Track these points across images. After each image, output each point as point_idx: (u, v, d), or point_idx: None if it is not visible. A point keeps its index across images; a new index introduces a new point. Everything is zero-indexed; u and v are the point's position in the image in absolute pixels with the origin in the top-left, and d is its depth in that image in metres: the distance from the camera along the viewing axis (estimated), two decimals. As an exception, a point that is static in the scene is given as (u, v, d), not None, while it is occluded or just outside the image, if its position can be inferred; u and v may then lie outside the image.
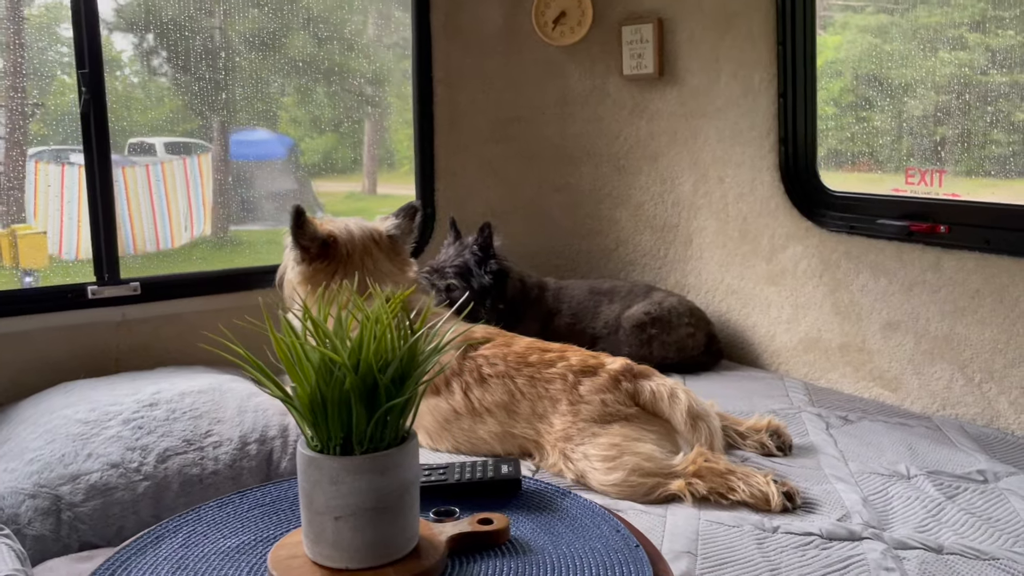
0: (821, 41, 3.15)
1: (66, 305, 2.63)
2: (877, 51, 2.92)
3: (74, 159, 5.93)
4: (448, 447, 2.18)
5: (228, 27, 5.63)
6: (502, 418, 2.13)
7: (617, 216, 3.48)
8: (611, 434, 2.01)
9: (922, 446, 2.27)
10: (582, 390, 2.08)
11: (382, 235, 2.41)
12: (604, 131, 3.44)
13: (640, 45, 3.20)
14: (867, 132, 2.94)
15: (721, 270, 3.21)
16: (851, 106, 3.01)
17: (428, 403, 2.19)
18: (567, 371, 2.12)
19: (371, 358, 1.05)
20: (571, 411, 2.06)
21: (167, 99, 6.25)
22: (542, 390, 2.11)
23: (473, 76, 3.40)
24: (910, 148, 2.84)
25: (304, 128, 6.49)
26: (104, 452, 2.11)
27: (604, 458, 1.97)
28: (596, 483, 1.96)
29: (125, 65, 6.36)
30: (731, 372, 3.00)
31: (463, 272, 2.87)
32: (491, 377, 2.15)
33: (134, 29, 6.04)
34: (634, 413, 2.07)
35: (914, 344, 2.62)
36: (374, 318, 1.05)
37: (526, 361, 2.16)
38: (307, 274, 2.30)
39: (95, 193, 2.61)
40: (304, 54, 5.50)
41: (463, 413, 2.15)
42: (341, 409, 1.07)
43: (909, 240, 2.60)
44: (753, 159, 3.03)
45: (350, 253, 2.32)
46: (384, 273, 2.35)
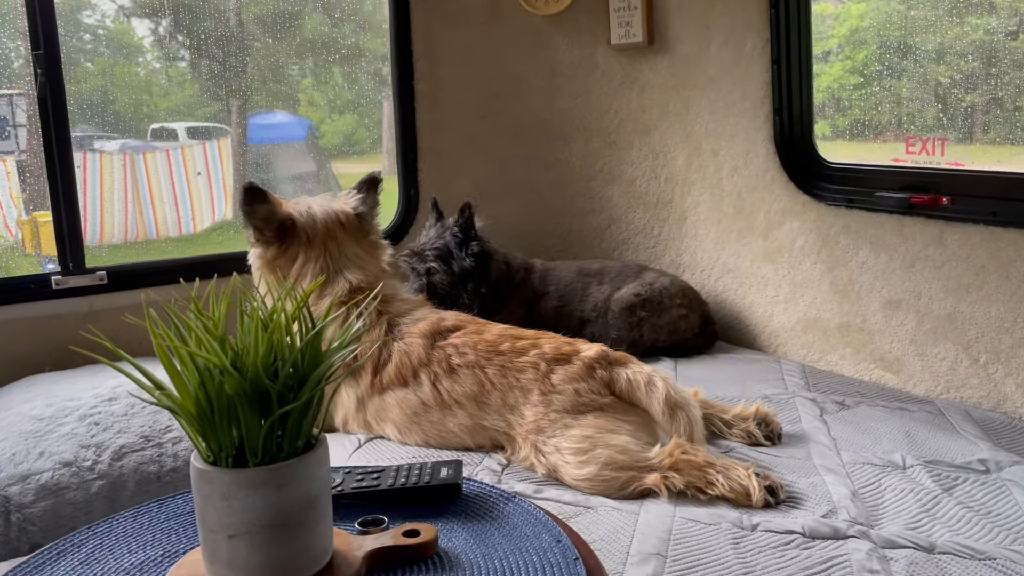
0: (844, 9, 2.98)
1: (30, 296, 2.54)
2: (902, 17, 2.76)
3: (97, 146, 5.90)
4: (417, 441, 2.07)
5: (243, 10, 5.54)
6: (472, 410, 2.01)
7: (609, 193, 3.34)
8: (584, 426, 1.89)
9: (921, 433, 2.13)
10: (554, 379, 1.96)
11: (348, 215, 2.26)
12: (593, 104, 3.29)
13: (628, 12, 3.05)
14: (893, 101, 2.78)
15: (716, 248, 3.06)
16: (876, 75, 2.85)
17: (396, 395, 2.07)
18: (539, 359, 2.00)
19: (258, 360, 0.94)
20: (543, 401, 1.95)
21: (187, 84, 6.20)
22: (513, 380, 1.99)
23: (455, 49, 3.26)
24: (936, 117, 2.68)
25: (323, 110, 6.41)
26: (57, 450, 2.03)
27: (576, 451, 1.85)
28: (568, 478, 1.84)
29: (147, 51, 6.30)
30: (726, 355, 2.87)
31: (444, 255, 2.75)
32: (460, 367, 2.03)
33: (151, 15, 5.97)
34: (609, 403, 1.95)
35: (916, 324, 2.47)
36: (257, 317, 0.93)
37: (497, 350, 2.04)
38: (265, 259, 2.18)
39: (55, 179, 2.52)
40: (320, 35, 5.40)
41: (432, 406, 2.03)
42: (229, 417, 0.96)
43: (910, 213, 2.44)
44: (747, 131, 2.87)
45: (311, 237, 2.18)
46: (350, 258, 2.22)
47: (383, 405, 2.09)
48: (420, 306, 2.25)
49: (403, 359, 2.07)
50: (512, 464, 1.98)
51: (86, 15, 6.14)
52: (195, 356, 0.91)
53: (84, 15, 6.12)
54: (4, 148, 5.20)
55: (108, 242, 5.71)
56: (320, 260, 2.17)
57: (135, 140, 6.10)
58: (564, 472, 1.85)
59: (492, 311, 2.77)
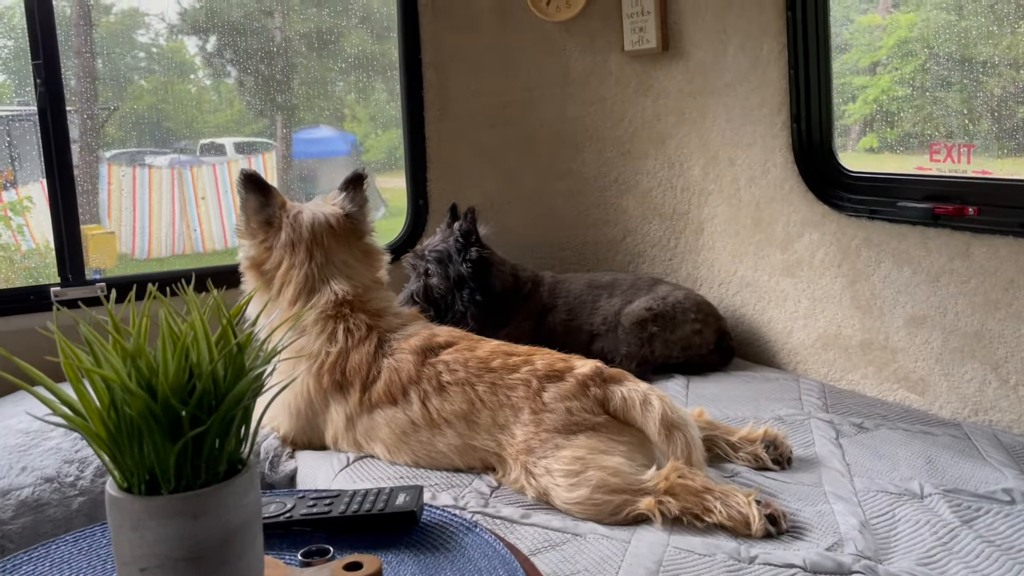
0: (893, 20, 2.87)
1: (29, 307, 2.52)
2: (953, 28, 2.64)
3: (148, 160, 6.00)
4: (407, 461, 1.98)
5: (288, 27, 5.59)
6: (462, 429, 1.92)
7: (624, 204, 3.24)
8: (576, 446, 1.79)
9: (943, 459, 1.99)
10: (546, 397, 1.86)
11: (338, 218, 2.15)
12: (607, 113, 3.20)
13: (641, 18, 2.95)
14: (943, 113, 2.66)
15: (734, 261, 2.94)
16: (926, 86, 2.73)
17: (385, 414, 1.99)
18: (531, 376, 1.90)
19: (166, 380, 0.86)
20: (533, 420, 1.85)
21: (236, 101, 6.28)
22: (503, 398, 1.90)
23: (464, 58, 3.19)
24: (989, 129, 2.55)
25: (367, 125, 6.44)
26: (40, 465, 1.99)
27: (567, 473, 1.75)
28: (559, 501, 1.74)
29: (198, 68, 6.40)
30: (742, 372, 2.74)
31: (442, 258, 2.68)
32: (451, 385, 1.94)
33: (199, 32, 6.07)
34: (603, 422, 1.84)
35: (942, 341, 2.33)
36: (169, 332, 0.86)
37: (488, 367, 1.95)
38: (250, 258, 2.12)
39: (55, 189, 2.49)
40: (363, 51, 5.43)
41: (421, 425, 1.94)
42: (140, 440, 0.89)
43: (935, 224, 2.30)
44: (764, 138, 2.76)
45: (295, 243, 2.09)
46: (338, 266, 2.12)
47: (372, 424, 2.00)
48: (413, 320, 2.16)
49: (393, 376, 1.99)
50: (502, 487, 1.89)
51: (140, 34, 6.26)
52: (94, 374, 0.84)
53: (139, 34, 6.23)
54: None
55: (157, 255, 5.79)
56: (305, 267, 2.08)
57: (184, 155, 6.19)
58: (555, 495, 1.75)
59: (498, 324, 2.69)
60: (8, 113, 5.26)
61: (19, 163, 5.22)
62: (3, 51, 5.56)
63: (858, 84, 3.43)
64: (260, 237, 2.11)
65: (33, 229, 5.11)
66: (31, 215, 5.07)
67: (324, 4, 5.39)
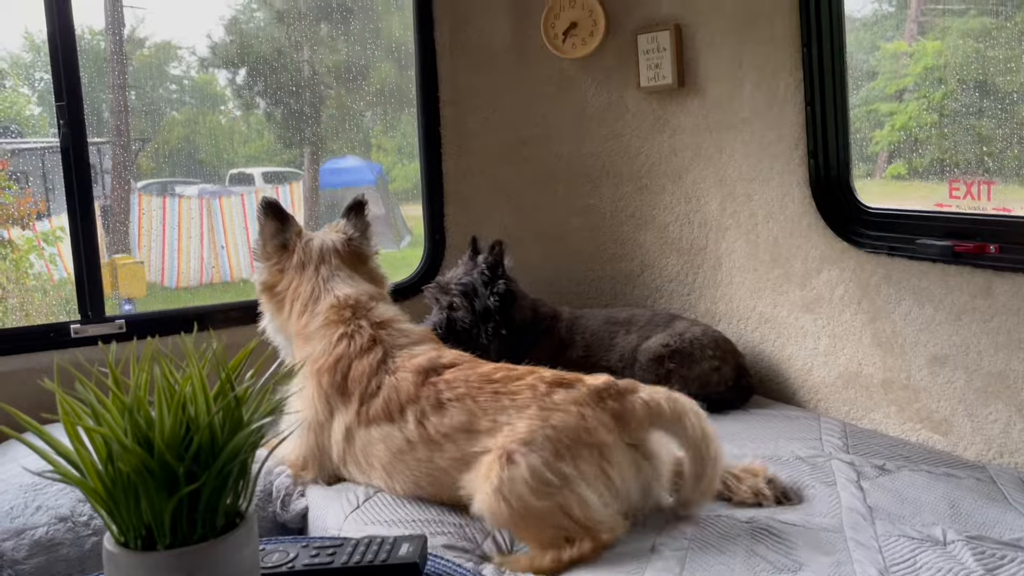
0: (920, 47, 2.86)
1: (49, 344, 2.55)
2: (980, 56, 2.62)
3: (178, 191, 6.11)
4: (405, 482, 1.93)
5: (316, 61, 5.71)
6: (462, 442, 1.84)
7: (641, 239, 3.23)
8: (573, 458, 1.72)
9: (967, 503, 1.94)
10: (556, 398, 1.80)
11: (343, 242, 2.24)
12: (624, 148, 3.20)
13: (657, 54, 2.96)
14: (972, 141, 2.62)
15: (753, 297, 2.91)
16: (954, 114, 2.71)
17: (382, 431, 1.95)
18: (538, 382, 1.85)
19: (164, 434, 0.86)
20: (540, 416, 1.76)
21: (265, 132, 6.40)
22: (507, 402, 1.83)
23: (482, 95, 3.21)
24: (1018, 156, 2.51)
25: (393, 155, 6.53)
26: (54, 504, 2.00)
27: (542, 480, 1.69)
28: (505, 489, 1.68)
29: (228, 100, 6.55)
30: (762, 410, 2.70)
31: (468, 291, 2.67)
32: (451, 401, 1.89)
33: (229, 65, 6.21)
34: (612, 443, 1.76)
35: (965, 381, 2.28)
36: (167, 387, 0.86)
37: (490, 379, 1.90)
38: (263, 282, 2.21)
39: (77, 228, 2.54)
40: (389, 83, 5.51)
41: (417, 442, 1.89)
42: (136, 495, 0.88)
43: (955, 262, 2.27)
44: (782, 174, 2.74)
45: (305, 263, 2.17)
46: (342, 278, 2.18)
47: (369, 440, 1.97)
48: (422, 340, 2.13)
49: (391, 394, 1.96)
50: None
51: (172, 66, 6.41)
52: (93, 430, 0.84)
53: (171, 66, 6.38)
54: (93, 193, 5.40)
55: (185, 284, 5.87)
56: (312, 282, 2.15)
57: (213, 185, 6.29)
58: (509, 485, 1.68)
59: (516, 359, 2.68)
60: (42, 145, 5.38)
61: (52, 194, 5.33)
62: (39, 84, 5.71)
63: (885, 111, 3.41)
64: (274, 260, 2.21)
65: (65, 259, 5.20)
66: (64, 245, 5.16)
67: (351, 38, 5.49)
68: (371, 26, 5.46)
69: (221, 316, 2.77)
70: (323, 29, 5.74)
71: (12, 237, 4.89)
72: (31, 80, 5.81)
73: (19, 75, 5.65)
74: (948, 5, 3.09)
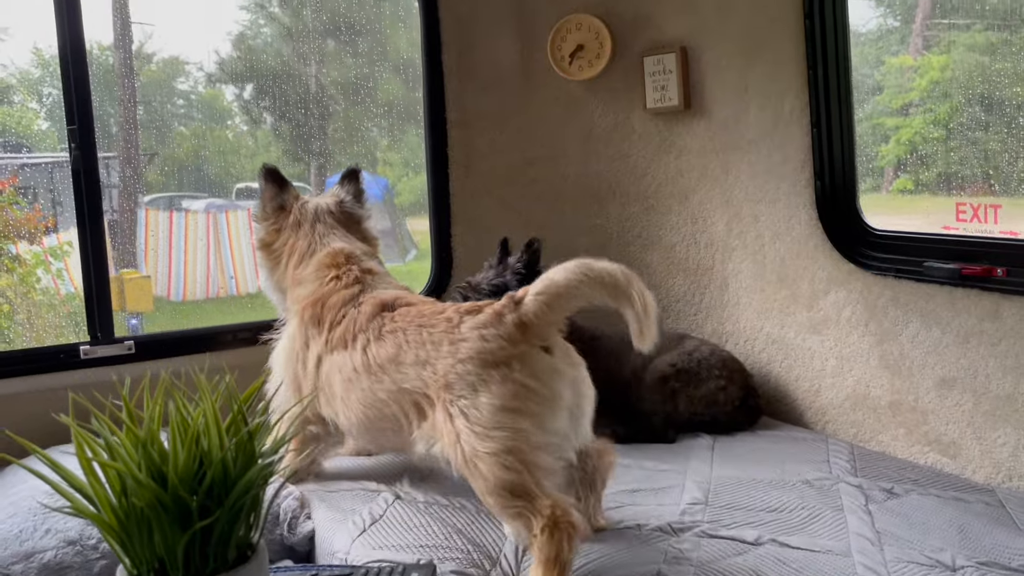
0: (925, 61, 2.86)
1: (59, 366, 2.56)
2: (987, 69, 2.63)
3: (185, 205, 6.12)
4: (357, 412, 1.99)
5: (323, 75, 5.75)
6: (393, 373, 1.91)
7: (648, 259, 3.24)
8: (492, 394, 1.73)
9: (976, 527, 1.93)
10: (463, 328, 1.83)
11: (336, 204, 2.33)
12: (630, 168, 3.21)
13: (663, 76, 2.98)
14: (979, 155, 2.63)
15: (760, 317, 2.91)
16: (961, 128, 2.71)
17: (340, 358, 2.03)
18: (455, 313, 1.89)
19: (175, 470, 0.87)
20: (451, 352, 1.81)
21: (273, 146, 6.43)
22: (426, 335, 1.88)
23: (489, 116, 3.23)
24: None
25: (399, 169, 6.56)
26: (63, 528, 2.01)
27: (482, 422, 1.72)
28: (467, 447, 1.71)
29: (235, 115, 6.58)
30: (770, 431, 2.70)
31: (499, 291, 2.65)
32: (388, 334, 1.96)
33: (236, 81, 6.25)
34: (519, 355, 1.76)
35: (973, 404, 2.28)
36: (180, 422, 0.87)
37: (423, 314, 1.95)
38: (261, 239, 2.31)
39: (87, 250, 2.55)
40: (396, 98, 5.54)
41: (361, 372, 1.97)
42: (149, 529, 0.89)
43: (962, 285, 2.27)
44: (788, 195, 2.75)
45: (300, 222, 2.27)
46: (337, 235, 2.27)
47: (331, 366, 2.05)
48: (396, 286, 2.22)
49: (350, 324, 2.04)
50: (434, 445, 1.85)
51: (180, 81, 6.45)
52: (108, 465, 0.85)
53: (179, 81, 6.43)
54: (100, 208, 5.43)
55: (191, 299, 5.88)
56: (308, 238, 2.25)
57: (220, 199, 6.32)
58: (465, 441, 1.72)
59: None
60: (50, 160, 5.41)
61: (60, 208, 5.36)
62: (48, 99, 5.76)
63: (891, 125, 3.41)
64: (272, 220, 2.31)
65: (72, 274, 5.22)
66: (71, 260, 5.18)
67: (358, 54, 5.52)
68: (378, 44, 5.49)
69: (230, 337, 2.79)
70: (330, 45, 5.78)
71: (20, 252, 4.91)
72: (39, 95, 5.85)
73: (28, 90, 5.69)
74: (954, 19, 3.09)
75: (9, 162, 5.25)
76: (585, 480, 1.90)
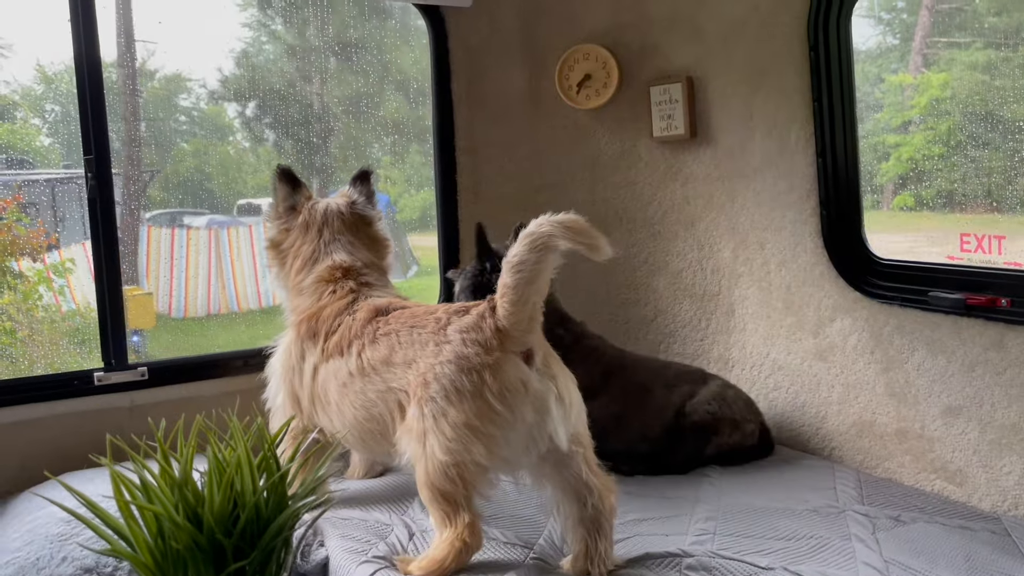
0: (924, 79, 2.90)
1: (73, 392, 2.59)
2: (987, 87, 2.66)
3: (187, 221, 6.15)
4: (349, 416, 2.03)
5: (326, 93, 5.80)
6: (384, 373, 1.97)
7: (654, 284, 3.27)
8: (460, 410, 1.80)
9: (982, 556, 1.96)
10: (449, 330, 1.89)
11: (346, 206, 2.36)
12: (637, 195, 3.25)
13: (669, 105, 3.02)
14: (980, 172, 2.65)
15: (766, 344, 2.94)
16: (960, 145, 2.74)
17: (334, 366, 2.08)
18: (444, 314, 1.95)
19: (212, 512, 0.90)
20: (435, 352, 1.88)
21: (274, 162, 6.47)
22: (416, 335, 1.95)
23: (497, 144, 3.28)
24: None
25: (401, 186, 6.60)
26: (80, 555, 2.01)
27: (446, 435, 1.80)
28: (430, 448, 1.81)
29: (237, 131, 6.63)
30: (776, 458, 2.71)
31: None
32: (382, 336, 2.02)
33: (239, 98, 6.31)
34: (493, 363, 1.82)
35: (979, 432, 2.30)
36: (217, 466, 0.90)
37: (415, 315, 2.01)
38: (271, 238, 2.34)
39: (102, 279, 2.58)
40: (398, 115, 5.60)
41: (355, 375, 2.03)
42: (185, 571, 0.92)
43: (967, 314, 2.30)
44: (794, 223, 2.78)
45: (309, 224, 2.30)
46: (342, 244, 2.30)
47: (327, 374, 2.10)
48: (392, 294, 2.26)
49: (345, 331, 2.10)
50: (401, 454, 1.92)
51: (182, 98, 6.51)
52: (145, 507, 0.88)
53: (181, 98, 6.48)
54: (98, 223, 5.45)
55: (193, 315, 5.90)
56: (313, 243, 2.28)
57: (222, 216, 6.34)
58: (431, 443, 1.80)
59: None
60: (53, 176, 5.44)
61: (62, 225, 5.38)
62: (50, 115, 5.81)
63: (891, 143, 3.45)
64: (283, 220, 2.35)
65: (75, 290, 5.24)
66: (73, 277, 5.20)
67: (361, 71, 5.58)
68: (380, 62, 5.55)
69: (241, 363, 2.81)
70: (332, 63, 5.83)
71: (22, 269, 4.93)
72: (41, 111, 5.89)
73: (30, 107, 5.73)
74: (953, 38, 3.13)
75: (11, 179, 5.28)
76: (589, 520, 1.90)
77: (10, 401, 2.52)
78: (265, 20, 6.35)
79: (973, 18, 3.29)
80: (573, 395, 1.91)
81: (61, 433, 2.59)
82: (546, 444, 1.86)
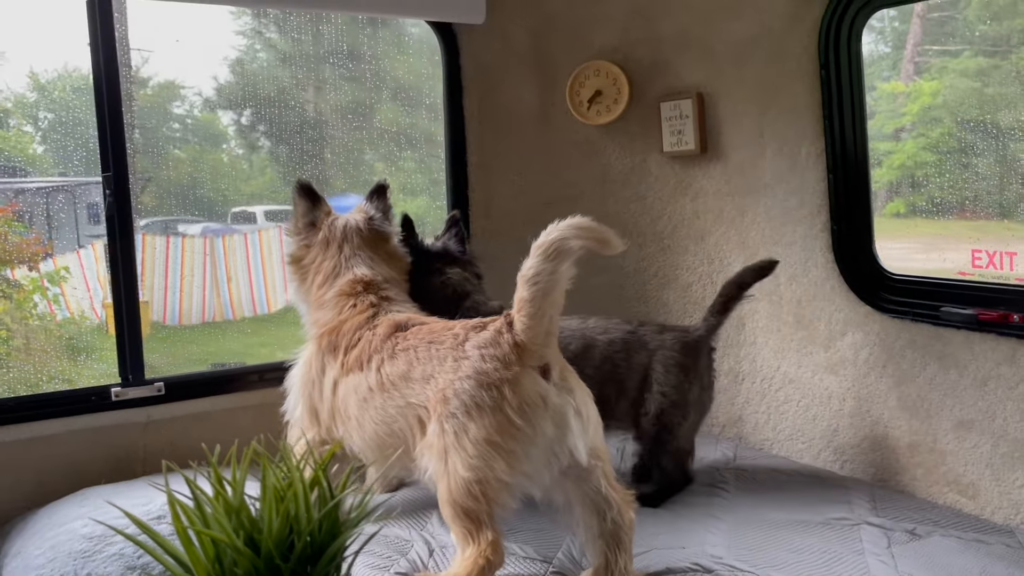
0: (916, 87, 2.93)
1: (90, 408, 2.60)
2: (977, 95, 2.69)
3: (181, 229, 6.14)
4: (369, 430, 2.05)
5: (321, 100, 5.81)
6: (403, 388, 1.99)
7: (664, 298, 3.29)
8: (480, 426, 1.81)
9: (998, 570, 1.98)
10: (467, 346, 1.91)
11: (364, 222, 2.38)
12: (647, 210, 3.28)
13: (680, 121, 3.05)
14: (970, 179, 2.69)
15: (776, 357, 2.97)
16: (952, 152, 2.78)
17: (355, 380, 2.09)
18: (463, 329, 1.97)
19: (272, 537, 0.92)
20: (453, 368, 1.89)
21: (268, 170, 6.47)
22: (434, 351, 1.96)
23: (508, 159, 3.31)
24: (1019, 195, 2.57)
25: (395, 193, 6.61)
26: (103, 572, 2.03)
27: (469, 452, 1.81)
28: (451, 466, 1.82)
29: (231, 139, 6.63)
30: (788, 470, 2.74)
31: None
32: (401, 352, 2.03)
33: (234, 106, 6.31)
34: (512, 378, 1.83)
35: (991, 446, 2.33)
36: (276, 491, 0.92)
37: (434, 331, 2.03)
38: (291, 254, 2.37)
39: (120, 295, 2.60)
40: (393, 123, 5.61)
41: (375, 389, 2.04)
42: (243, 595, 0.93)
43: (979, 330, 2.33)
44: (804, 239, 2.81)
45: (329, 240, 2.32)
46: (362, 259, 2.32)
47: (347, 389, 2.11)
48: (411, 309, 2.28)
49: (365, 346, 2.11)
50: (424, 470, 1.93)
51: (176, 105, 6.52)
52: (203, 532, 0.90)
53: (174, 105, 6.49)
54: (95, 232, 5.46)
55: (187, 322, 5.89)
56: (334, 259, 2.31)
57: (216, 223, 6.34)
58: (453, 460, 1.82)
59: None
60: (47, 185, 5.43)
61: (56, 233, 5.37)
62: (43, 123, 5.82)
63: (883, 150, 3.48)
64: (303, 236, 2.38)
65: (68, 298, 5.23)
66: (67, 285, 5.20)
67: (355, 79, 5.60)
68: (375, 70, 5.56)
69: (256, 377, 2.83)
70: (327, 71, 5.84)
71: (16, 277, 4.92)
72: (35, 119, 5.89)
73: (23, 114, 5.73)
74: (945, 45, 3.17)
75: (6, 187, 5.26)
76: (609, 534, 1.92)
77: (27, 417, 2.53)
78: (259, 28, 6.37)
79: (964, 26, 3.33)
80: (591, 409, 1.93)
81: (77, 448, 2.60)
82: (567, 458, 1.88)
